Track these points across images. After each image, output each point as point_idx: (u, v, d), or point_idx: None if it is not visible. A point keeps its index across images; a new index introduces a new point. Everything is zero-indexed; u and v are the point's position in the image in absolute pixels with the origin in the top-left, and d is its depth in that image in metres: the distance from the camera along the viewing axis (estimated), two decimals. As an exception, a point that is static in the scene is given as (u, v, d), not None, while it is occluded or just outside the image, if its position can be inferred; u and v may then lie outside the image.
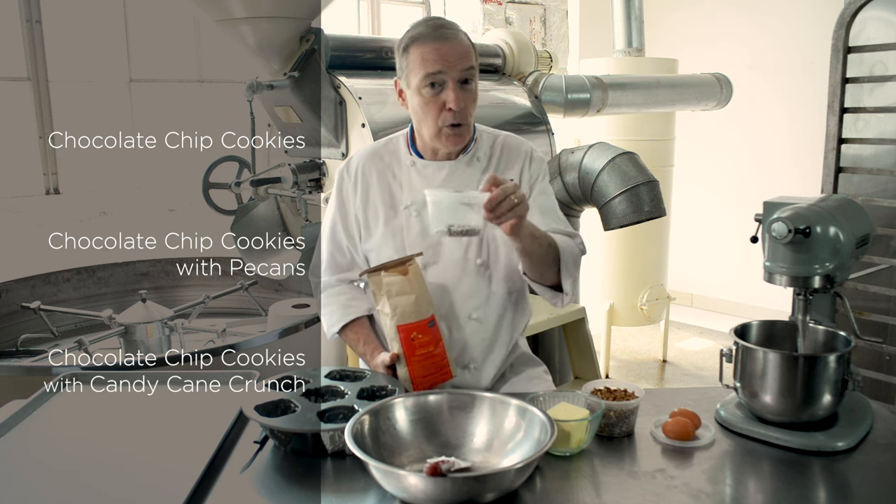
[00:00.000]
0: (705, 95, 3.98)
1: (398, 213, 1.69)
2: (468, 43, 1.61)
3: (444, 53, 1.55)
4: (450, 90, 1.56)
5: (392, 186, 1.71)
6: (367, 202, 1.72)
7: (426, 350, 1.55)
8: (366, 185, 1.72)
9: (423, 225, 1.66)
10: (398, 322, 1.55)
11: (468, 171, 1.69)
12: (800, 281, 1.47)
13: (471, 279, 1.68)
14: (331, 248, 1.77)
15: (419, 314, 1.55)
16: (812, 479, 1.33)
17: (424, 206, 1.62)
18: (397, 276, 1.55)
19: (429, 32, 1.57)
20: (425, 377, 1.56)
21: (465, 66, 1.57)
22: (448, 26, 1.59)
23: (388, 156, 1.73)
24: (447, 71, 1.55)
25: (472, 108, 1.62)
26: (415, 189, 1.69)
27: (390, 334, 1.58)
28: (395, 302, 1.55)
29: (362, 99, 2.62)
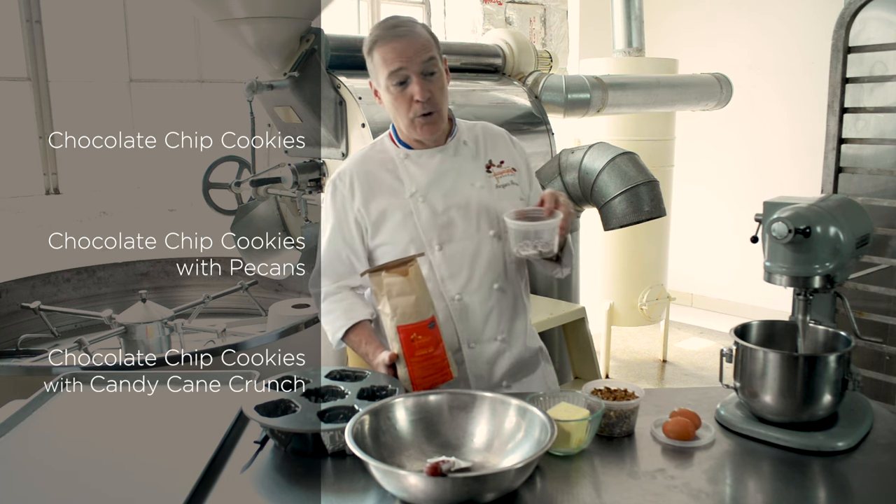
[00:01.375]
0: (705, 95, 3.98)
1: (404, 202, 1.74)
2: (426, 35, 1.68)
3: (401, 50, 1.63)
4: (414, 84, 1.65)
5: (391, 181, 1.76)
6: (370, 201, 1.76)
7: (426, 351, 1.56)
8: (363, 187, 1.77)
9: (432, 207, 1.73)
10: (398, 322, 1.55)
11: (460, 156, 1.78)
12: (800, 281, 1.47)
13: (487, 251, 1.74)
14: (329, 256, 1.81)
15: (419, 315, 1.56)
16: (812, 479, 1.33)
17: (429, 190, 1.73)
18: (398, 277, 1.56)
19: (386, 33, 1.66)
20: (425, 378, 1.56)
21: (424, 59, 1.64)
22: (403, 24, 1.67)
23: (378, 155, 1.80)
24: (408, 66, 1.64)
25: (439, 96, 1.69)
26: (415, 177, 1.75)
27: (390, 334, 1.58)
28: (396, 302, 1.55)
29: (362, 99, 2.62)
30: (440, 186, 1.75)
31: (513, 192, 1.79)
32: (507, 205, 1.74)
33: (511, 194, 1.78)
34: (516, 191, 1.80)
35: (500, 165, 1.80)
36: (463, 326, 1.75)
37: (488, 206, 1.74)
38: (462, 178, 1.76)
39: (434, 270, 1.73)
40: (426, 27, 1.71)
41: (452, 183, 1.75)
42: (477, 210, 1.74)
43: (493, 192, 1.76)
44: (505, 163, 1.81)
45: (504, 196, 1.77)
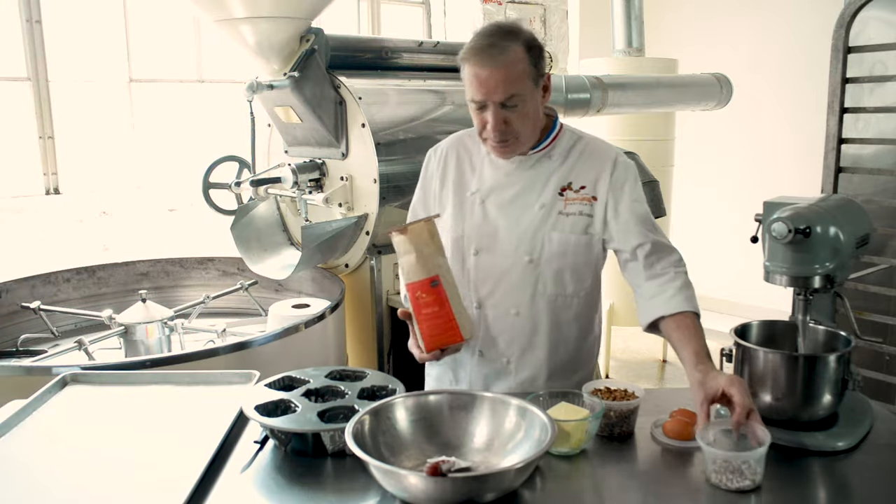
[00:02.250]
0: (705, 95, 3.97)
1: (465, 198, 1.74)
2: (518, 62, 1.55)
3: (483, 80, 1.55)
4: (489, 114, 1.58)
5: (466, 172, 1.77)
6: (445, 183, 1.78)
7: (431, 310, 1.55)
8: (446, 167, 1.79)
9: (485, 212, 1.72)
10: (405, 280, 1.58)
11: (537, 169, 1.71)
12: (800, 281, 1.47)
13: (517, 274, 1.70)
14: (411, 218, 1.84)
15: (419, 273, 1.55)
16: (812, 479, 1.33)
17: (489, 195, 1.71)
18: (399, 235, 1.57)
19: (474, 55, 1.56)
20: (433, 336, 1.56)
21: (504, 95, 1.55)
22: (494, 46, 1.55)
23: (471, 143, 1.78)
24: (486, 99, 1.57)
25: (519, 124, 1.60)
26: (484, 177, 1.74)
27: (403, 292, 1.64)
28: (402, 261, 1.57)
29: (362, 99, 2.62)
30: (501, 195, 1.71)
31: (578, 223, 1.67)
32: (559, 236, 1.67)
33: (574, 225, 1.67)
34: (582, 223, 1.68)
35: (579, 191, 1.69)
36: (480, 334, 1.74)
37: (537, 231, 1.68)
38: (526, 194, 1.69)
39: (466, 274, 1.73)
40: (527, 43, 1.58)
41: (513, 196, 1.70)
42: (523, 231, 1.68)
43: (551, 217, 1.68)
44: (586, 189, 1.68)
45: (564, 225, 1.67)
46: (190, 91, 4.27)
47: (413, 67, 3.01)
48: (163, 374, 1.73)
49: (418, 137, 2.71)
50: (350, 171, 2.70)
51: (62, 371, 1.71)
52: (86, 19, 3.90)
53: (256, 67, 2.69)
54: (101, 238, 3.75)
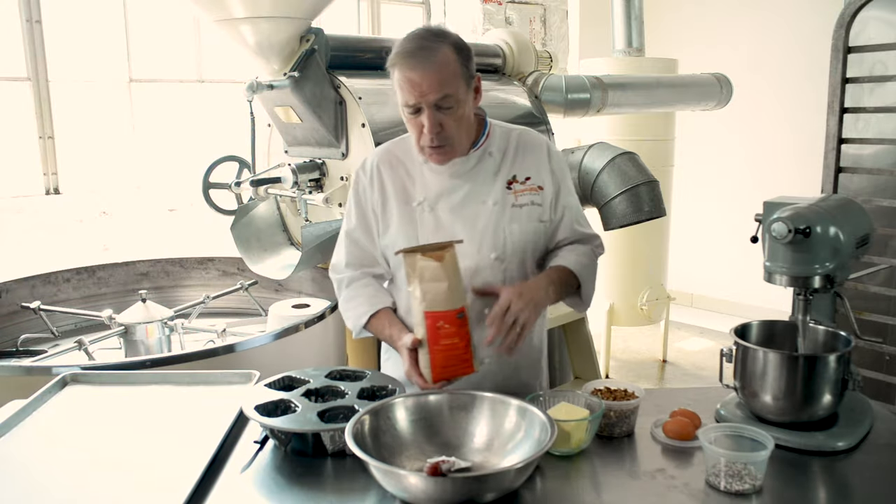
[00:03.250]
0: (705, 95, 3.97)
1: (412, 209, 1.71)
2: (448, 64, 1.55)
3: (416, 83, 1.54)
4: (425, 118, 1.57)
5: (405, 183, 1.73)
6: (384, 198, 1.73)
7: (451, 341, 1.51)
8: (381, 182, 1.74)
9: (437, 219, 1.69)
10: (426, 308, 1.52)
11: (480, 167, 1.70)
12: (800, 281, 1.47)
13: (485, 274, 1.68)
14: (349, 245, 1.78)
15: (449, 303, 1.52)
16: (812, 479, 1.34)
17: (437, 201, 1.68)
18: (432, 262, 1.53)
19: (404, 58, 1.55)
20: (445, 367, 1.52)
21: (438, 96, 1.54)
22: (425, 48, 1.55)
23: (401, 153, 1.75)
24: (420, 101, 1.56)
25: (454, 129, 1.60)
26: (428, 185, 1.71)
27: (417, 318, 1.55)
28: (427, 287, 1.52)
29: (362, 99, 2.62)
30: (449, 199, 1.69)
31: (531, 213, 1.70)
32: (519, 227, 1.68)
33: (529, 215, 1.70)
34: (536, 212, 1.71)
35: (525, 182, 1.71)
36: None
37: (496, 227, 1.68)
38: (475, 194, 1.69)
39: None
40: (455, 45, 1.58)
41: (463, 197, 1.69)
42: (483, 230, 1.68)
43: (506, 211, 1.69)
44: (531, 179, 1.71)
45: (519, 217, 1.69)
46: (190, 91, 4.27)
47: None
48: (163, 374, 1.73)
49: (418, 137, 2.71)
50: (350, 171, 2.70)
51: (62, 371, 1.71)
52: (86, 19, 3.90)
53: (256, 67, 2.69)
54: (101, 238, 3.75)
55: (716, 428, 1.34)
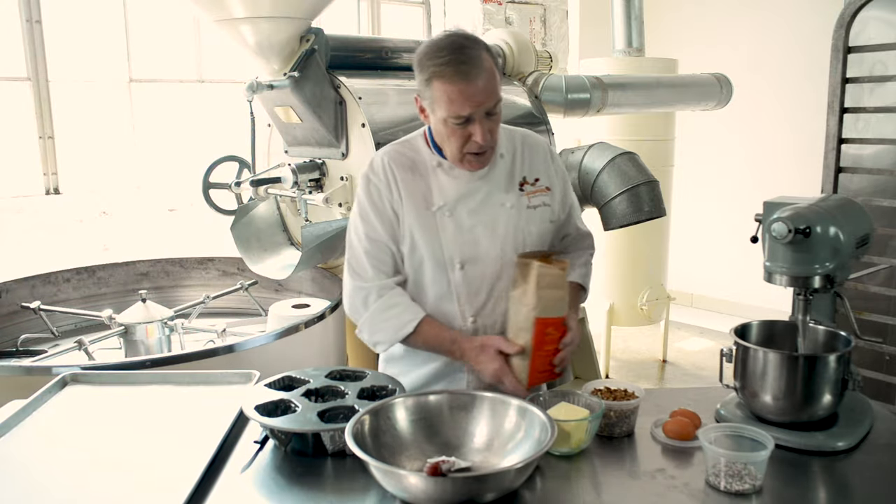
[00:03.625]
0: (705, 95, 3.97)
1: (431, 213, 1.66)
2: (492, 71, 1.53)
3: (469, 95, 1.50)
4: (477, 126, 1.54)
5: (421, 186, 1.67)
6: (402, 202, 1.66)
7: (553, 347, 1.57)
8: (397, 185, 1.67)
9: (457, 224, 1.66)
10: (539, 314, 1.53)
11: (494, 171, 1.69)
12: (800, 281, 1.47)
13: (509, 275, 1.67)
14: (374, 252, 1.67)
15: (560, 310, 1.57)
16: (812, 479, 1.34)
17: (456, 206, 1.66)
18: (553, 269, 1.55)
19: (451, 70, 1.49)
20: (542, 371, 1.57)
21: (491, 104, 1.53)
22: (469, 60, 1.50)
23: (411, 155, 1.69)
24: (476, 109, 1.52)
25: (496, 136, 1.61)
26: (444, 189, 1.66)
27: (521, 324, 1.55)
28: (543, 293, 1.53)
29: (362, 99, 2.62)
30: (468, 202, 1.66)
31: (544, 214, 1.71)
32: (535, 229, 1.69)
33: (542, 216, 1.71)
34: (547, 213, 1.72)
35: (535, 184, 1.72)
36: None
37: (516, 228, 1.68)
38: (492, 196, 1.68)
39: (452, 289, 1.67)
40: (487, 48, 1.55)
41: (482, 200, 1.67)
42: (504, 232, 1.67)
43: (522, 213, 1.69)
44: (540, 181, 1.72)
45: (534, 218, 1.70)
46: (190, 91, 4.27)
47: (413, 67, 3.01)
48: (163, 374, 1.73)
49: (418, 137, 2.71)
50: (350, 171, 2.70)
51: (62, 371, 1.71)
52: (86, 19, 3.90)
53: (256, 67, 2.69)
54: (101, 238, 3.75)
55: (716, 428, 1.34)
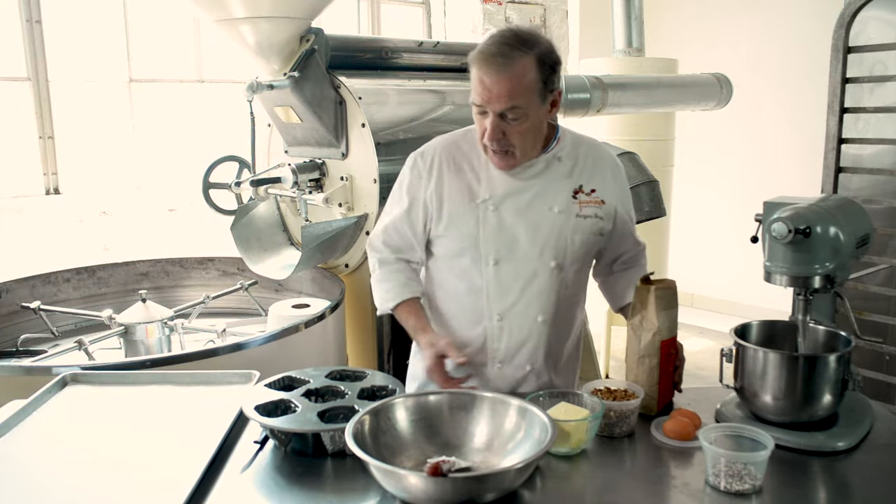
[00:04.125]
0: (705, 95, 3.97)
1: (476, 205, 1.67)
2: (524, 74, 1.50)
3: (487, 86, 1.50)
4: (489, 121, 1.54)
5: (469, 178, 1.68)
6: (442, 190, 1.69)
7: (672, 366, 1.58)
8: (441, 174, 1.69)
9: (500, 220, 1.66)
10: (664, 337, 1.53)
11: (550, 171, 1.68)
12: (800, 281, 1.47)
13: (543, 280, 1.67)
14: (393, 229, 1.75)
15: (675, 329, 1.57)
16: (812, 479, 1.33)
17: (503, 201, 1.66)
18: (666, 291, 1.54)
19: (482, 59, 1.51)
20: (667, 395, 1.57)
21: (505, 106, 1.51)
22: (503, 55, 1.49)
23: (467, 146, 1.70)
24: (487, 105, 1.53)
25: (517, 139, 1.57)
26: (494, 184, 1.67)
27: (645, 350, 1.54)
28: (665, 315, 1.53)
29: (362, 99, 2.61)
30: (516, 200, 1.66)
31: (594, 225, 1.69)
32: (581, 238, 1.67)
33: (591, 227, 1.69)
34: (598, 225, 1.70)
35: (591, 194, 1.69)
36: (495, 347, 1.71)
37: (560, 235, 1.66)
38: (541, 198, 1.67)
39: (483, 284, 1.67)
40: (540, 57, 1.52)
41: (530, 200, 1.66)
42: (546, 235, 1.66)
43: (570, 220, 1.67)
44: (596, 192, 1.69)
45: (582, 228, 1.68)
46: (190, 91, 4.27)
47: (413, 67, 3.01)
48: (163, 374, 1.73)
49: (418, 137, 2.70)
50: (350, 171, 2.70)
51: (62, 371, 1.71)
52: (86, 19, 3.90)
53: (256, 67, 2.69)
54: (101, 238, 3.75)
55: (716, 428, 1.34)
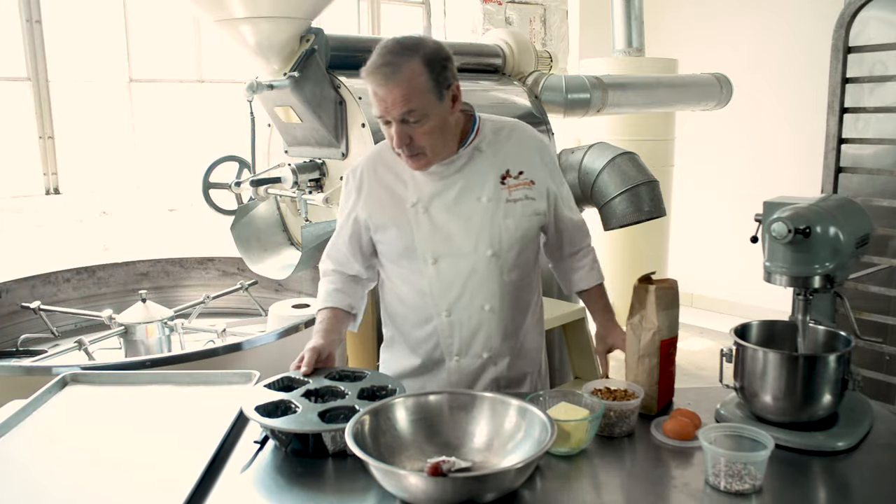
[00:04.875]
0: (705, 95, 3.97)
1: (405, 210, 1.70)
2: (411, 82, 1.52)
3: (381, 97, 1.54)
4: (392, 129, 1.57)
5: (396, 185, 1.72)
6: (372, 203, 1.74)
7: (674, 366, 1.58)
8: (370, 187, 1.75)
9: (432, 220, 1.68)
10: (664, 336, 1.54)
11: (471, 164, 1.70)
12: (800, 281, 1.47)
13: (482, 270, 1.69)
14: (331, 243, 1.84)
15: (676, 328, 1.58)
16: (812, 479, 1.33)
17: (431, 201, 1.69)
18: (667, 290, 1.54)
19: (370, 73, 1.55)
20: (668, 393, 1.58)
21: (402, 111, 1.53)
22: (388, 64, 1.53)
23: (391, 155, 1.71)
24: (386, 114, 1.56)
25: (423, 140, 1.58)
26: (419, 186, 1.70)
27: (645, 350, 1.56)
28: (665, 315, 1.54)
29: (362, 99, 2.61)
30: (443, 198, 1.69)
31: (526, 207, 1.70)
32: (513, 222, 1.68)
33: (523, 210, 1.70)
34: (530, 206, 1.71)
35: (518, 176, 1.70)
36: (448, 342, 1.74)
37: (491, 223, 1.68)
38: (468, 191, 1.69)
39: (426, 285, 1.71)
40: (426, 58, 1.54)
41: (457, 195, 1.68)
42: (479, 227, 1.68)
43: (500, 206, 1.69)
44: (524, 173, 1.71)
45: (514, 212, 1.69)
46: (190, 91, 4.27)
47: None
48: (163, 374, 1.73)
49: (418, 137, 2.71)
50: (350, 171, 2.70)
51: (62, 371, 1.71)
52: (86, 19, 3.90)
53: (256, 67, 2.69)
54: (101, 238, 3.75)
55: (716, 428, 1.34)
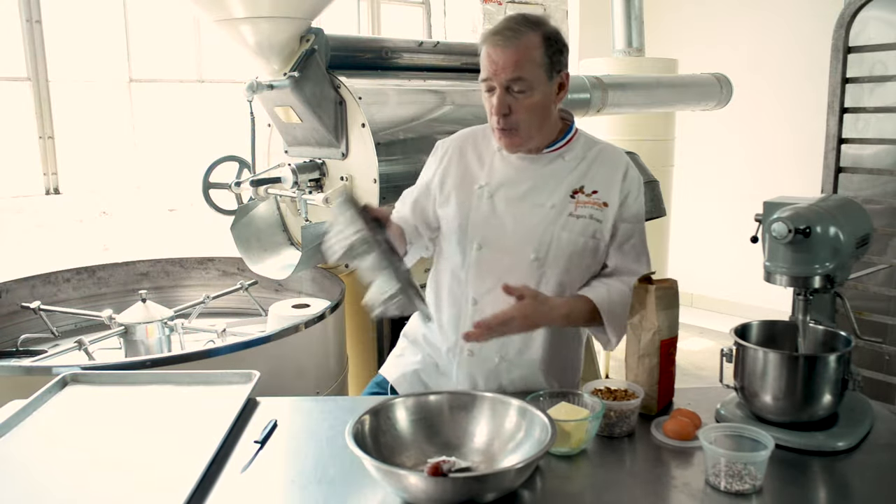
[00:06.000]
0: (705, 95, 3.97)
1: (472, 190, 1.72)
2: (527, 51, 1.56)
3: (494, 59, 1.57)
4: (496, 95, 1.59)
5: (474, 165, 1.76)
6: (447, 177, 1.78)
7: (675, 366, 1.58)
8: (450, 161, 1.79)
9: (492, 206, 1.70)
10: (664, 336, 1.53)
11: (549, 169, 1.70)
12: (800, 281, 1.47)
13: (520, 272, 1.67)
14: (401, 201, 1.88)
15: (676, 329, 1.57)
16: (812, 479, 1.33)
17: (498, 189, 1.69)
18: (667, 290, 1.54)
19: (492, 33, 1.58)
20: (668, 392, 1.58)
21: (510, 76, 1.56)
22: (508, 30, 1.57)
23: (482, 137, 1.78)
24: (492, 78, 1.58)
25: (523, 115, 1.60)
26: (494, 172, 1.72)
27: (645, 350, 1.54)
28: (665, 315, 1.53)
29: (362, 99, 2.61)
30: (511, 190, 1.69)
31: (587, 226, 1.67)
32: (568, 236, 1.66)
33: (583, 228, 1.67)
34: (592, 227, 1.67)
35: (591, 195, 1.68)
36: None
37: (545, 229, 1.66)
38: (536, 192, 1.68)
39: (464, 270, 1.71)
40: (547, 35, 1.58)
41: (525, 192, 1.68)
42: (532, 228, 1.67)
43: (560, 217, 1.67)
44: (598, 194, 1.68)
45: (573, 227, 1.67)
46: (190, 91, 4.27)
47: (413, 67, 3.01)
48: (163, 374, 1.73)
49: (418, 137, 2.71)
50: (350, 171, 2.70)
51: (62, 371, 1.71)
52: (86, 19, 3.90)
53: (256, 67, 2.69)
54: (101, 238, 3.75)
55: (716, 428, 1.34)
